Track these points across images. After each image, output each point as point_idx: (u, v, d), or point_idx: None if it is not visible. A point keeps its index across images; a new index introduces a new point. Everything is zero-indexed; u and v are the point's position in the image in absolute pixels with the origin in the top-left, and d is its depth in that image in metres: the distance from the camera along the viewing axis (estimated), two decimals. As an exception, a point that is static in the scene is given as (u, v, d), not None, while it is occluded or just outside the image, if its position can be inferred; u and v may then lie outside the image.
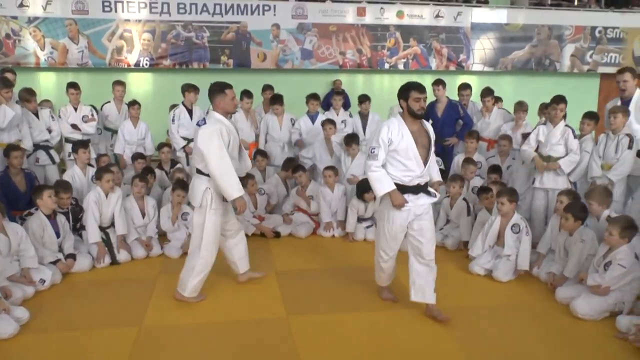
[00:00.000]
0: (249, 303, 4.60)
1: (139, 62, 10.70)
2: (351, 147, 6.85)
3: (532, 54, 12.34)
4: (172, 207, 5.90)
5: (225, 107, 4.41)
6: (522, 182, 6.20)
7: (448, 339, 3.97)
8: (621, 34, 12.63)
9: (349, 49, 11.61)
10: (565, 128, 5.72)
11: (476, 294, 4.87)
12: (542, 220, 5.86)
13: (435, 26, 11.90)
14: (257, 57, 11.17)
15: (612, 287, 4.26)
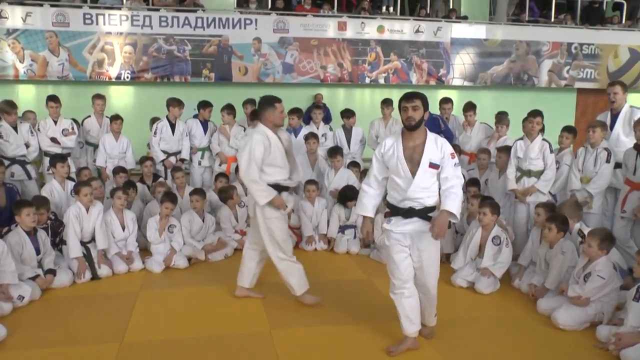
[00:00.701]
0: (232, 317, 4.57)
1: (120, 75, 10.67)
2: (336, 158, 6.94)
3: (511, 69, 12.58)
4: (160, 218, 5.87)
5: (274, 120, 4.56)
6: (500, 194, 6.28)
7: (432, 352, 3.98)
8: (596, 50, 12.94)
9: (330, 63, 11.71)
10: (542, 142, 5.83)
11: (459, 307, 4.90)
12: (524, 233, 5.93)
13: (415, 41, 12.06)
14: (239, 71, 11.21)
15: (592, 298, 4.32)
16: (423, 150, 3.68)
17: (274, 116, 4.52)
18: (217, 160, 7.68)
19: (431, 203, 3.73)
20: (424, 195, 3.70)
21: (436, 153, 3.68)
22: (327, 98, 11.74)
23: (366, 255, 6.33)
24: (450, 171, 3.68)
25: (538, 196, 5.80)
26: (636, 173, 5.37)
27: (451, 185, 3.65)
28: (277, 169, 4.53)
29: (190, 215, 6.15)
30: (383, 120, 8.09)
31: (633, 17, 14.12)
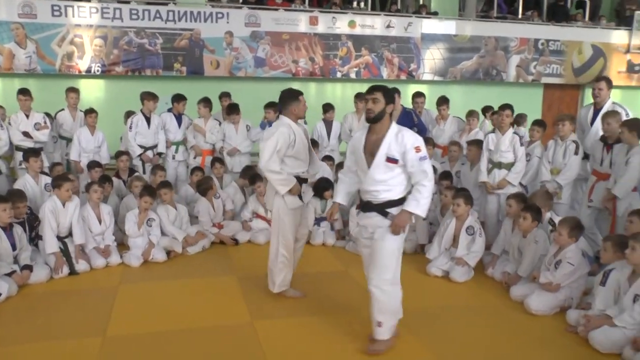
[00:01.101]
0: (213, 310, 4.61)
1: (91, 68, 10.52)
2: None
3: (480, 64, 12.82)
4: (139, 212, 5.86)
5: (298, 113, 4.63)
6: (472, 186, 6.43)
7: (413, 340, 4.10)
8: (561, 46, 13.29)
9: (301, 57, 11.75)
10: (513, 135, 6.00)
11: (435, 295, 5.05)
12: (495, 223, 6.11)
13: (386, 36, 12.19)
14: (211, 65, 11.17)
15: (562, 284, 4.52)
16: (382, 143, 3.66)
17: (298, 109, 4.59)
18: (192, 154, 7.70)
19: (389, 197, 3.66)
20: (379, 188, 3.66)
21: (395, 147, 3.61)
22: (299, 92, 11.78)
23: (342, 247, 6.42)
24: (414, 165, 3.58)
25: (509, 188, 5.97)
26: (603, 164, 5.61)
27: (416, 181, 3.60)
28: (299, 161, 4.58)
29: (165, 208, 6.16)
30: (356, 114, 8.20)
31: (595, 15, 14.54)
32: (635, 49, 13.75)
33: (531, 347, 4.01)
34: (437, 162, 7.20)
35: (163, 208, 6.13)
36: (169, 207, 6.16)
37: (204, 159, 7.61)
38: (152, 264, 5.76)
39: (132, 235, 5.82)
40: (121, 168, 7.00)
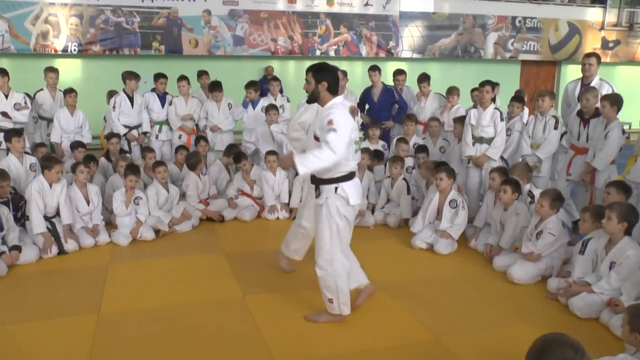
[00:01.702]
0: (205, 285, 4.69)
1: (67, 47, 10.40)
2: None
3: (458, 42, 12.97)
4: (125, 191, 5.90)
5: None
6: (457, 161, 6.56)
7: (400, 310, 4.23)
8: (538, 23, 13.49)
9: (280, 35, 11.76)
10: (494, 111, 6.12)
11: (420, 267, 5.19)
12: (476, 197, 6.28)
13: (364, 14, 12.25)
14: (189, 44, 11.13)
15: (543, 254, 4.71)
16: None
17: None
18: (177, 133, 7.75)
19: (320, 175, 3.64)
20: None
21: (318, 124, 3.59)
22: (278, 70, 11.82)
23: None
24: (322, 136, 3.50)
25: (490, 162, 6.12)
26: (580, 139, 5.79)
27: (319, 147, 3.48)
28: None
29: (155, 188, 6.19)
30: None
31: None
32: (609, 26, 14.04)
33: (514, 315, 4.18)
34: (419, 138, 7.32)
35: (154, 189, 6.17)
36: (160, 187, 6.20)
37: (189, 138, 7.64)
38: (141, 242, 5.81)
39: (120, 214, 5.85)
40: (112, 151, 6.99)
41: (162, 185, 6.24)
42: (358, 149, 3.81)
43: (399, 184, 6.40)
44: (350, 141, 3.59)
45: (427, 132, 7.41)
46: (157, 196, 6.17)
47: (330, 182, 3.65)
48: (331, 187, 3.64)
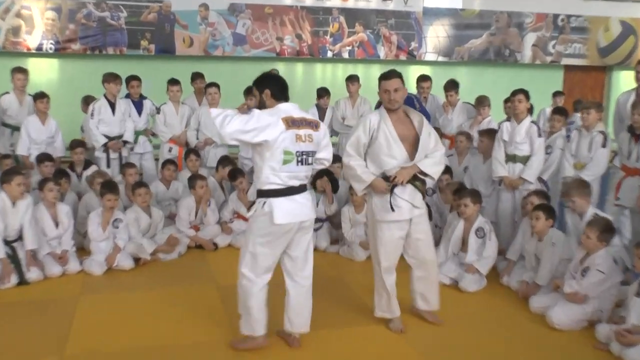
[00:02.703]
0: (190, 323, 4.59)
1: (42, 45, 10.42)
2: None
3: (491, 43, 12.87)
4: (103, 212, 5.83)
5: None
6: (485, 182, 6.45)
7: (414, 354, 4.13)
8: (585, 22, 13.35)
9: (287, 34, 11.73)
10: (530, 125, 6.00)
11: (442, 306, 4.98)
12: (509, 224, 6.13)
13: (383, 10, 12.21)
14: (183, 42, 11.12)
15: (591, 295, 4.54)
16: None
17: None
18: (167, 146, 7.70)
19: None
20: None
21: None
22: (284, 74, 11.59)
23: (335, 252, 6.48)
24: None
25: (526, 184, 5.97)
26: (630, 157, 5.65)
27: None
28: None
29: (134, 212, 6.14)
30: (349, 99, 8.20)
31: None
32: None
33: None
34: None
35: (133, 213, 6.13)
36: (140, 212, 6.16)
37: (181, 151, 7.61)
38: (118, 272, 5.74)
39: (97, 239, 5.79)
40: (75, 161, 6.97)
41: (144, 210, 6.18)
42: (290, 161, 3.86)
43: (419, 209, 6.27)
44: (274, 149, 3.80)
45: (453, 147, 7.29)
46: (138, 222, 6.12)
47: (260, 194, 3.94)
48: (260, 200, 3.91)
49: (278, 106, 3.91)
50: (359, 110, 8.13)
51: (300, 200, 3.95)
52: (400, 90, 4.23)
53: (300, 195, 3.95)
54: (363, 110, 8.11)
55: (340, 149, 8.14)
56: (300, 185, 3.95)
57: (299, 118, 3.89)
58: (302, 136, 3.86)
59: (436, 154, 4.34)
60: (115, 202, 5.85)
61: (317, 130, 3.96)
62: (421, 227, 4.38)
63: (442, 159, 4.41)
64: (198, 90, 8.12)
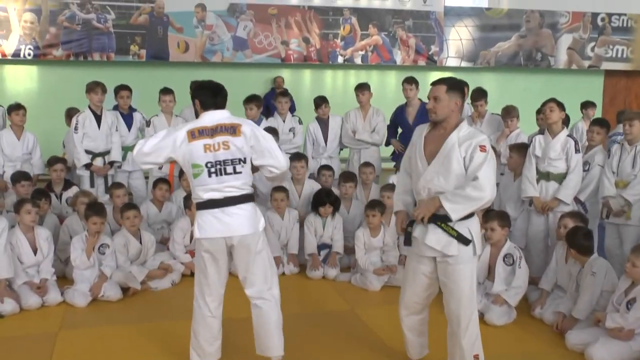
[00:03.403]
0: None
1: (19, 51, 10.55)
2: (296, 168, 7.08)
3: (520, 47, 12.87)
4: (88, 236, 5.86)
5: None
6: (515, 203, 6.44)
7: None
8: (629, 22, 13.27)
9: (293, 37, 11.81)
10: (566, 139, 5.99)
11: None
12: (541, 250, 6.13)
13: (400, 10, 12.28)
14: (177, 47, 11.21)
15: (637, 330, 4.51)
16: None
17: None
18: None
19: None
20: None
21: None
22: (290, 82, 11.83)
23: (346, 281, 6.46)
24: None
25: (561, 205, 5.97)
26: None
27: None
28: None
29: (124, 237, 6.16)
30: (360, 110, 8.18)
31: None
32: None
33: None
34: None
35: (122, 238, 6.15)
36: (130, 237, 6.18)
37: (172, 168, 7.64)
38: (104, 303, 5.73)
39: (80, 267, 5.80)
40: (54, 179, 7.02)
41: (133, 234, 6.20)
42: (199, 174, 4.04)
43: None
44: (184, 164, 4.13)
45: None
46: (127, 248, 6.14)
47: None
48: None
49: (201, 115, 4.21)
50: (371, 123, 8.10)
51: (227, 214, 4.05)
52: (440, 100, 3.94)
53: (229, 208, 4.05)
54: (376, 123, 8.11)
55: (351, 166, 8.17)
56: (227, 198, 4.04)
57: (212, 126, 4.05)
58: (214, 145, 4.01)
59: (474, 183, 3.83)
60: (101, 225, 5.86)
61: (236, 136, 4.04)
62: (450, 270, 3.98)
63: (479, 193, 3.82)
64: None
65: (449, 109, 3.94)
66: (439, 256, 3.97)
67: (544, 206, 6.01)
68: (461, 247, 3.90)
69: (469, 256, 3.96)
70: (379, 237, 6.29)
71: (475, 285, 4.08)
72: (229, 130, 4.05)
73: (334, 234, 6.70)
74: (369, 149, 8.13)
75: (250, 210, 4.13)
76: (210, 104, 4.20)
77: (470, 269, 4.01)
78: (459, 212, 3.84)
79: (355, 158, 8.19)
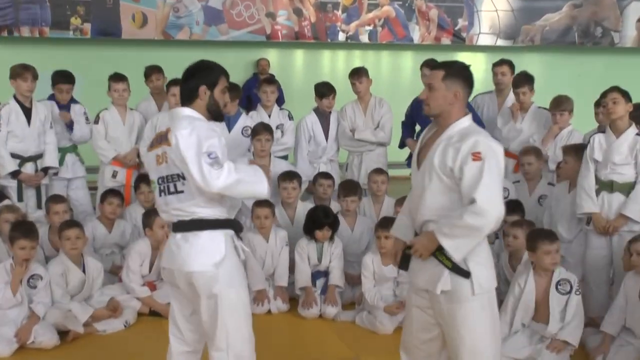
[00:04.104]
0: None
1: None
2: (287, 190, 7.13)
3: (575, 19, 12.88)
4: (13, 266, 5.83)
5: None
6: (569, 221, 6.44)
7: None
8: None
9: (281, 8, 11.83)
10: (635, 138, 5.97)
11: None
12: (604, 282, 6.12)
13: (419, -26, 12.31)
14: (132, 21, 11.22)
15: None
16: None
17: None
18: (109, 169, 7.75)
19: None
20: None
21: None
22: (277, 66, 11.86)
23: (350, 321, 6.44)
24: None
25: (630, 224, 5.95)
26: None
27: None
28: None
29: (61, 265, 6.13)
30: (359, 102, 8.15)
31: None
32: None
33: None
34: (508, 181, 7.19)
35: (60, 266, 6.12)
36: (70, 264, 6.15)
37: (129, 176, 7.67)
38: (35, 352, 5.68)
39: (3, 305, 5.77)
40: None
41: (74, 261, 6.18)
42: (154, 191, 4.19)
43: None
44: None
45: (520, 170, 7.28)
46: (66, 279, 6.11)
47: None
48: None
49: None
50: (374, 117, 8.06)
51: (174, 243, 4.13)
52: (435, 89, 3.90)
53: (176, 235, 4.12)
54: (380, 116, 8.10)
55: (350, 173, 8.15)
56: (176, 223, 4.12)
57: (162, 130, 4.13)
58: (159, 156, 4.06)
59: (471, 208, 3.69)
60: (31, 251, 5.80)
61: (170, 145, 4.00)
62: (445, 311, 3.89)
63: (481, 220, 3.71)
64: (154, 90, 8.21)
65: (446, 101, 3.87)
66: (436, 293, 3.86)
67: (607, 225, 5.98)
68: (458, 280, 3.78)
69: (468, 293, 3.80)
70: (392, 265, 6.25)
71: (489, 336, 3.90)
72: (164, 138, 4.03)
73: (332, 263, 6.68)
74: (374, 151, 8.14)
75: (202, 240, 4.07)
76: (183, 99, 4.26)
77: (474, 310, 3.82)
78: (462, 249, 3.73)
79: (355, 163, 8.21)
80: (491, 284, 3.90)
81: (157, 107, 8.11)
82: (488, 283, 3.86)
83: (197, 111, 4.11)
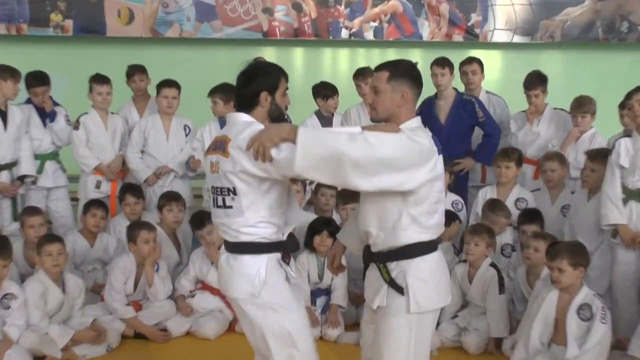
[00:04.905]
0: None
1: None
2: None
3: (598, 13, 12.83)
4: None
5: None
6: (590, 232, 6.42)
7: None
8: None
9: (279, 3, 11.81)
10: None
11: None
12: (632, 300, 6.10)
13: (428, -35, 12.31)
14: (118, 17, 11.21)
15: None
16: None
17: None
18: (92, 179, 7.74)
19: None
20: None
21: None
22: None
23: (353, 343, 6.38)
24: None
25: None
26: None
27: None
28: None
29: (38, 284, 6.11)
30: (364, 105, 8.14)
31: None
32: None
33: None
34: (525, 192, 7.20)
35: (38, 285, 6.11)
36: (49, 282, 6.15)
37: (114, 187, 7.71)
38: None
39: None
40: None
41: (52, 279, 6.17)
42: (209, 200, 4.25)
43: (485, 276, 6.29)
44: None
45: (539, 177, 7.25)
46: (44, 299, 6.09)
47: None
48: None
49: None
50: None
51: (221, 263, 4.15)
52: (381, 92, 3.96)
53: (222, 256, 4.14)
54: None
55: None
56: (225, 241, 4.11)
57: (216, 137, 4.12)
58: (213, 164, 4.01)
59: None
60: (3, 269, 5.81)
61: (225, 155, 3.92)
62: (378, 320, 4.02)
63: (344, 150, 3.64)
64: (137, 91, 8.21)
65: (393, 103, 3.91)
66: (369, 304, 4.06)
67: (635, 237, 5.96)
68: (393, 296, 3.85)
69: (402, 310, 3.84)
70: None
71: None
72: (220, 146, 3.95)
73: (334, 281, 6.65)
74: (378, 156, 8.08)
75: (241, 265, 4.02)
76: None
77: (400, 328, 3.87)
78: (309, 153, 3.62)
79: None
80: (433, 304, 3.95)
81: (139, 111, 8.13)
82: (428, 303, 3.88)
83: (255, 118, 4.00)
